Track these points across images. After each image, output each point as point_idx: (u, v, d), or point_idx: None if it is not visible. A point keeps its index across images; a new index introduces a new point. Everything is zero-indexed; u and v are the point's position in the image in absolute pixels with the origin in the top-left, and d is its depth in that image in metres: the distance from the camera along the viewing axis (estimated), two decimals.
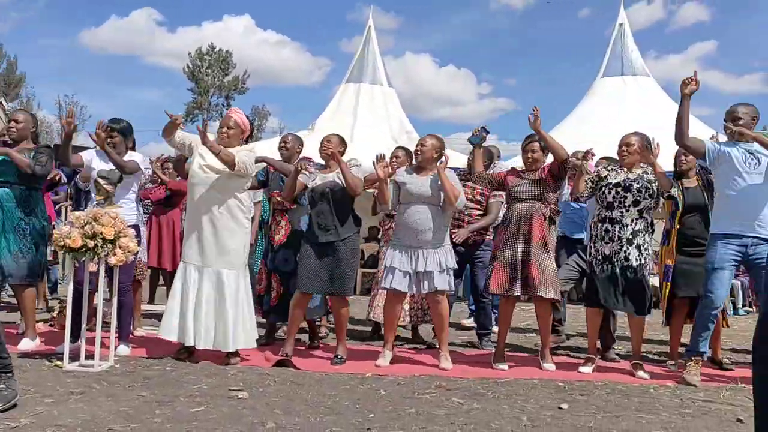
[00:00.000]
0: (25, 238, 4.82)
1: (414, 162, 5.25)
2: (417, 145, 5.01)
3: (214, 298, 4.62)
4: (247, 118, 4.98)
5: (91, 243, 4.18)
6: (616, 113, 10.87)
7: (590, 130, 10.48)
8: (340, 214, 4.84)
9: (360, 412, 3.51)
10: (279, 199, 5.38)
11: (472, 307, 6.49)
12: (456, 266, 4.94)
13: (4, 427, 2.96)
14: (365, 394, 3.95)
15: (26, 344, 4.83)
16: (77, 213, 4.31)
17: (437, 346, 5.12)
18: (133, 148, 5.13)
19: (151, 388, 3.86)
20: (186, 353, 4.69)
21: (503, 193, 5.41)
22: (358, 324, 6.62)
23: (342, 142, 5.08)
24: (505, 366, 4.82)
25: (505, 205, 5.43)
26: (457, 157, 9.06)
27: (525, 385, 4.32)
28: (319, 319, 5.77)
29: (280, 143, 5.70)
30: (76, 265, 4.42)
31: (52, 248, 5.02)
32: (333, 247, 4.78)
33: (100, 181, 4.65)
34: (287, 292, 5.22)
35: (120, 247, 4.29)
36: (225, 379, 4.17)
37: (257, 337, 4.86)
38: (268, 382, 4.14)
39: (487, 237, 5.81)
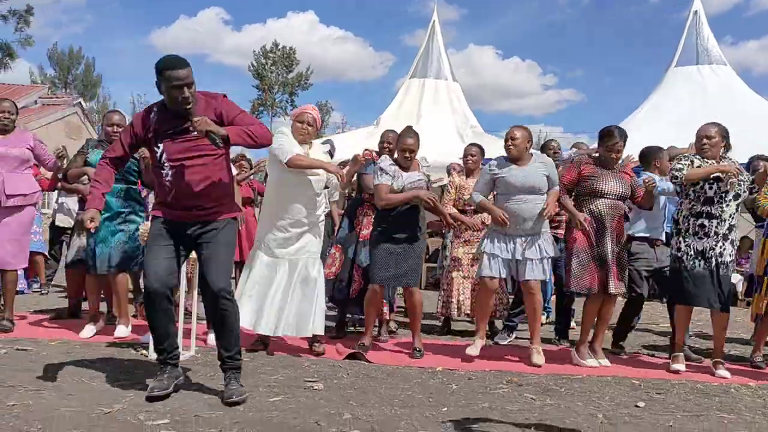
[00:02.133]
0: (125, 230, 5.09)
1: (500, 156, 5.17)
2: (507, 140, 4.89)
3: (291, 286, 4.75)
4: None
5: None
6: (691, 104, 10.55)
7: (664, 122, 10.20)
8: (417, 211, 4.93)
9: (433, 406, 3.56)
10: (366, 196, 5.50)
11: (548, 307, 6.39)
12: (555, 254, 4.93)
13: (98, 413, 3.13)
14: (437, 389, 3.99)
15: (122, 331, 5.08)
16: None
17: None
18: None
19: None
20: (261, 345, 4.84)
21: None
22: (424, 318, 6.66)
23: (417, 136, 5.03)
24: (594, 362, 4.78)
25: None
26: None
27: (599, 381, 4.28)
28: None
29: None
30: None
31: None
32: (406, 242, 4.85)
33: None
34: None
35: None
36: (300, 371, 4.29)
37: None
38: (341, 375, 4.23)
39: (560, 232, 5.74)
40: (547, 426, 3.24)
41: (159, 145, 3.52)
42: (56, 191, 7.18)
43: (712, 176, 4.60)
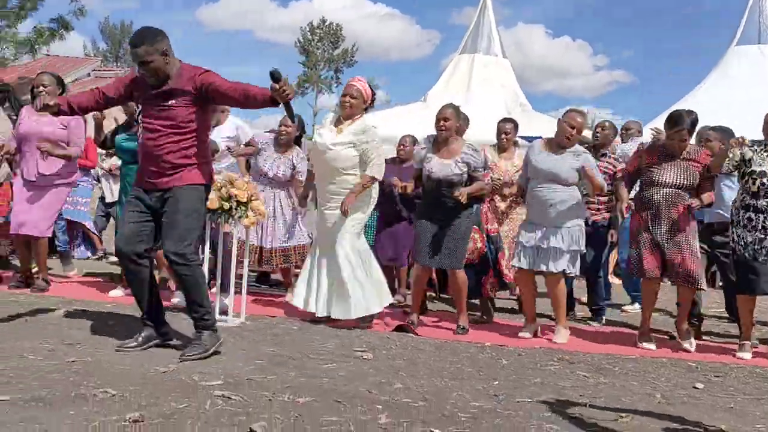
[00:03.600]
0: None
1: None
2: (562, 123, 4.73)
3: (329, 265, 4.77)
4: (369, 86, 4.96)
5: (226, 205, 4.39)
6: (751, 85, 10.13)
7: (720, 103, 9.83)
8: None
9: (483, 380, 3.52)
10: None
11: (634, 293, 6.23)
12: (584, 249, 4.80)
13: (154, 372, 3.18)
14: (487, 363, 3.95)
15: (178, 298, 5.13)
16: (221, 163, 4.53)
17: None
18: None
19: (281, 345, 4.03)
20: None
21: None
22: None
23: (458, 115, 4.89)
24: (653, 345, 4.66)
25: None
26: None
27: (653, 363, 4.19)
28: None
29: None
30: (213, 226, 4.66)
31: None
32: (447, 223, 4.77)
33: None
34: None
35: (252, 210, 4.48)
36: (349, 341, 4.29)
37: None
38: (390, 346, 4.23)
39: (605, 215, 5.61)
40: (602, 404, 3.17)
41: (138, 107, 3.80)
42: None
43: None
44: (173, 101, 3.61)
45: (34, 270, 5.46)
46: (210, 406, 2.72)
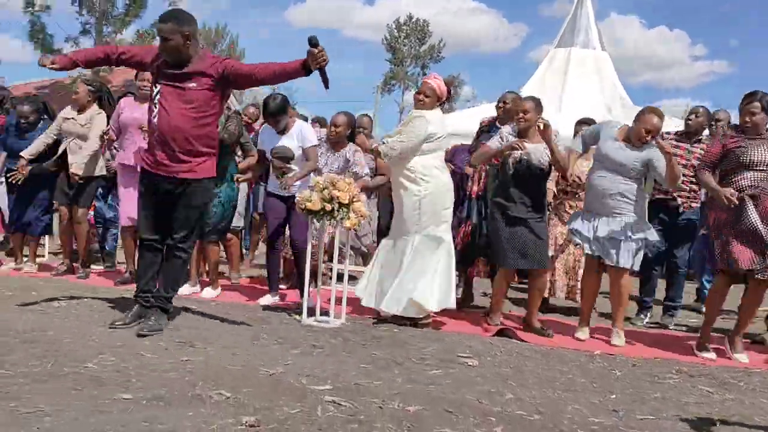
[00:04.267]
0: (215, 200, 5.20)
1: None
2: (639, 128, 4.49)
3: (401, 261, 4.69)
4: (446, 83, 4.85)
5: (328, 207, 4.39)
6: None
7: None
8: (542, 181, 4.72)
9: (598, 392, 3.36)
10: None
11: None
12: (652, 240, 4.54)
13: (264, 373, 3.20)
14: (599, 374, 3.77)
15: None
16: (317, 178, 4.53)
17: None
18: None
19: (383, 348, 3.99)
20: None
21: None
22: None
23: (538, 106, 4.71)
24: (713, 355, 4.34)
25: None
26: (668, 122, 8.25)
27: None
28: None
29: (498, 103, 5.45)
30: (316, 227, 4.67)
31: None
32: (530, 219, 4.63)
33: (274, 160, 4.89)
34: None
35: (354, 211, 4.46)
36: (451, 345, 4.20)
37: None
38: (495, 352, 4.10)
39: (695, 204, 5.32)
40: (733, 423, 2.95)
41: (158, 84, 3.88)
42: None
43: None
44: (193, 84, 3.80)
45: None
46: (321, 413, 2.70)
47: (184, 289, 5.25)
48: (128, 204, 5.35)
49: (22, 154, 5.70)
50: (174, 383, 2.91)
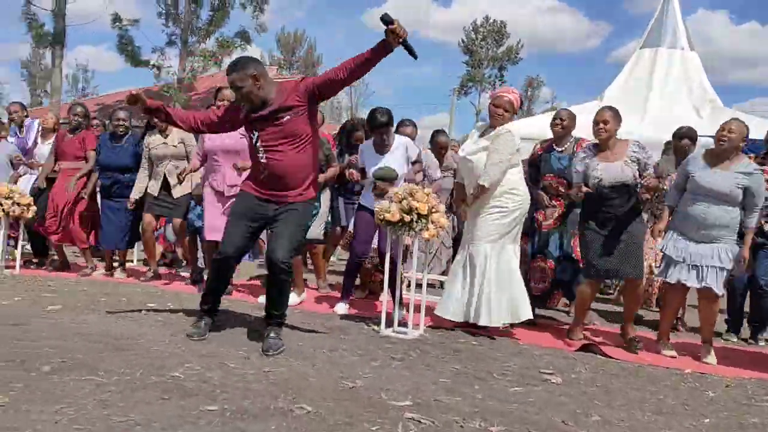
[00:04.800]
0: None
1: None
2: (719, 130, 4.35)
3: (469, 273, 4.71)
4: (520, 94, 4.84)
5: (407, 218, 4.37)
6: None
7: None
8: (632, 192, 4.54)
9: (691, 416, 3.19)
10: (553, 183, 5.13)
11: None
12: (732, 268, 4.35)
13: (343, 386, 3.21)
14: (691, 395, 3.59)
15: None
16: (395, 189, 4.52)
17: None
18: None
19: (463, 361, 3.93)
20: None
21: None
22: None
23: (617, 116, 4.58)
24: None
25: None
26: (758, 124, 7.81)
27: None
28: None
29: (554, 120, 5.21)
30: (393, 237, 4.66)
31: None
32: (621, 227, 4.48)
33: (377, 182, 4.91)
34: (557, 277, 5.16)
35: (432, 222, 4.42)
36: (532, 360, 4.11)
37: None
38: (579, 369, 3.98)
39: None
40: None
41: (255, 132, 3.86)
42: None
43: None
44: (287, 117, 3.78)
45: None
46: (402, 430, 2.67)
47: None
48: (213, 221, 5.50)
49: (130, 198, 6.01)
50: (257, 395, 2.95)
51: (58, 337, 3.68)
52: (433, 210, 4.44)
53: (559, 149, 5.12)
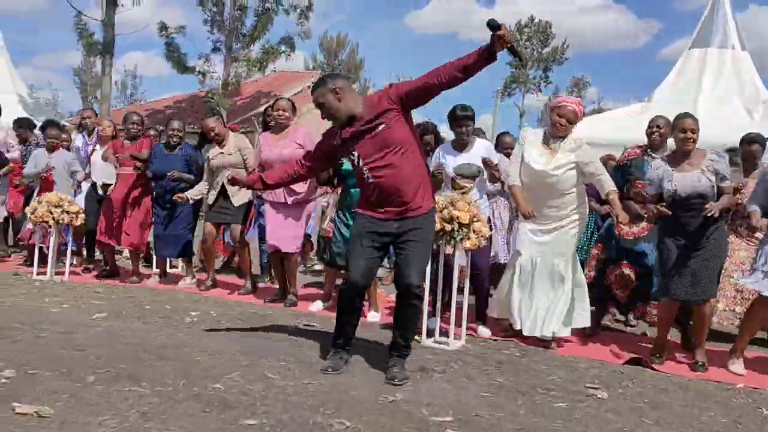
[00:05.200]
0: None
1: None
2: None
3: (552, 283, 4.66)
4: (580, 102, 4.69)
5: (448, 227, 4.32)
6: None
7: None
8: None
9: None
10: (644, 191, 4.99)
11: None
12: None
13: (383, 400, 3.18)
14: (743, 412, 3.46)
15: (373, 317, 5.25)
16: (436, 198, 4.47)
17: None
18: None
19: (505, 374, 3.87)
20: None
21: None
22: None
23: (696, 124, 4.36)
24: None
25: None
26: None
27: None
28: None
29: (650, 128, 5.02)
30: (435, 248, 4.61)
31: None
32: (701, 246, 4.22)
33: (457, 179, 4.86)
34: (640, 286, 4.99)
35: (474, 232, 4.36)
36: (577, 373, 4.01)
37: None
38: (626, 383, 3.87)
39: None
40: None
41: (354, 152, 3.62)
42: None
43: None
44: (380, 126, 3.53)
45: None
46: None
47: (373, 317, 5.28)
48: (275, 231, 5.56)
49: (186, 194, 6.06)
50: (296, 409, 2.94)
51: (104, 346, 3.75)
52: (475, 219, 4.38)
53: (654, 157, 4.92)
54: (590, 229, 6.02)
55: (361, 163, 3.61)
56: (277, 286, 6.05)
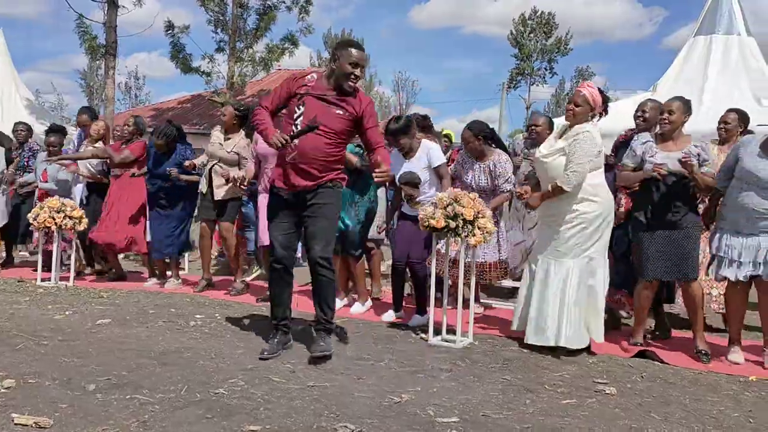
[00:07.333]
0: (355, 215, 5.29)
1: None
2: None
3: (564, 290, 4.33)
4: (601, 93, 4.42)
5: (452, 224, 4.26)
6: None
7: None
8: (685, 189, 4.28)
9: (756, 430, 3.01)
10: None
11: None
12: None
13: (388, 402, 3.14)
14: (755, 405, 3.39)
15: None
16: (440, 194, 4.42)
17: None
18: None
19: (513, 371, 3.82)
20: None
21: None
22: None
23: (687, 108, 4.37)
24: None
25: None
26: None
27: None
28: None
29: (636, 112, 5.08)
30: (439, 243, 4.57)
31: None
32: (675, 226, 4.24)
33: (402, 187, 4.82)
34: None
35: (479, 228, 4.30)
36: (586, 369, 3.96)
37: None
38: (635, 378, 3.81)
39: None
40: None
41: (302, 105, 3.91)
42: None
43: None
44: (338, 110, 3.91)
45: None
46: None
47: (357, 309, 5.32)
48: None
49: (193, 160, 6.06)
50: (300, 412, 2.91)
51: (105, 353, 3.73)
52: (480, 215, 4.32)
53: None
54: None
55: (299, 120, 3.89)
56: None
